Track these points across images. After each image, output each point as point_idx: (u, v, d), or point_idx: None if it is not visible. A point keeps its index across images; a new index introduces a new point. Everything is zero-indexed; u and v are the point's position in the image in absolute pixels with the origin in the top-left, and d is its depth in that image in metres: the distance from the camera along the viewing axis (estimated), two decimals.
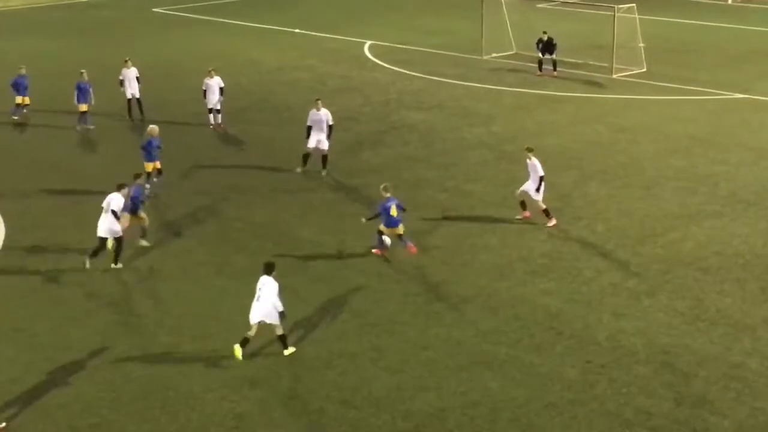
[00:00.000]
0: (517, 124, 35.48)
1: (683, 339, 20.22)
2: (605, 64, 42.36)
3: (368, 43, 49.09)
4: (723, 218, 26.70)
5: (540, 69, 42.04)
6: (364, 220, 24.88)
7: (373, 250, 24.58)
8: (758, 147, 32.67)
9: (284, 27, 53.68)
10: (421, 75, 42.63)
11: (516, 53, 45.60)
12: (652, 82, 40.80)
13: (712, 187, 29.00)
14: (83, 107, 34.60)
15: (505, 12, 46.47)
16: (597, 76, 41.93)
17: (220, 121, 35.02)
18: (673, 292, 22.40)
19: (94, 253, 23.60)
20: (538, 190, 26.17)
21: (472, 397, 18.20)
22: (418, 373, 19.04)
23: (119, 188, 23.85)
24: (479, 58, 45.24)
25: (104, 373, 19.09)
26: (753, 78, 41.59)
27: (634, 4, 44.30)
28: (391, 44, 48.69)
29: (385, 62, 45.00)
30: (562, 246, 24.99)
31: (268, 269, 19.75)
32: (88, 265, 23.58)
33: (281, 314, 19.46)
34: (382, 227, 24.28)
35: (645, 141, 33.49)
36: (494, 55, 45.57)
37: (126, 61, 36.02)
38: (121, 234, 23.68)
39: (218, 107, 34.85)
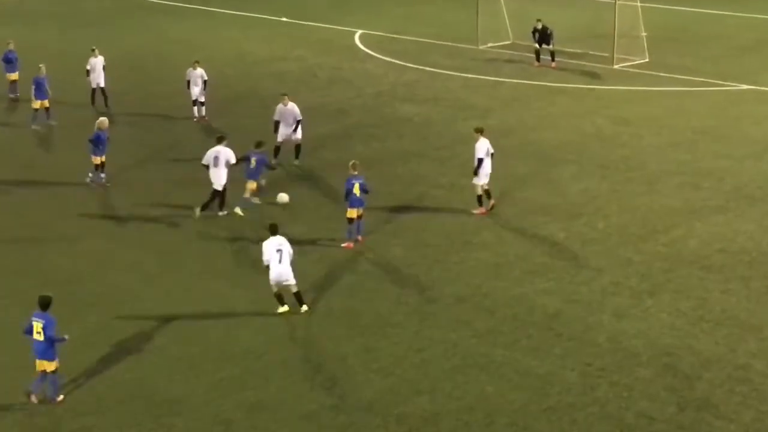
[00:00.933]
0: (515, 116, 35.58)
1: (686, 340, 20.32)
2: (606, 54, 42.45)
3: (359, 32, 49.15)
4: (727, 214, 26.82)
5: (538, 60, 42.15)
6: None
7: (342, 245, 24.88)
8: (764, 140, 32.80)
9: (271, 15, 53.72)
10: (415, 66, 42.71)
11: (513, 43, 45.68)
12: (654, 73, 40.89)
13: (716, 182, 29.12)
14: (41, 103, 34.59)
15: (502, 0, 46.51)
16: (597, 66, 42.01)
17: (203, 113, 35.17)
18: (676, 291, 22.50)
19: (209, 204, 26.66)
20: (475, 173, 26.45)
21: (467, 401, 18.27)
22: (411, 376, 19.11)
23: (219, 141, 27.12)
24: (475, 48, 45.33)
25: (86, 377, 19.13)
26: (759, 69, 41.71)
27: None
28: (384, 34, 48.77)
29: (377, 52, 45.07)
30: (562, 244, 25.08)
31: (274, 229, 21.54)
32: (197, 214, 26.52)
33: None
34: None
35: (647, 134, 33.60)
36: (490, 45, 45.65)
37: (93, 50, 36.72)
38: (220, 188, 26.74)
39: (202, 99, 35.02)
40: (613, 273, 23.43)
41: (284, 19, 52.63)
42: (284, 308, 21.52)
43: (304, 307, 21.63)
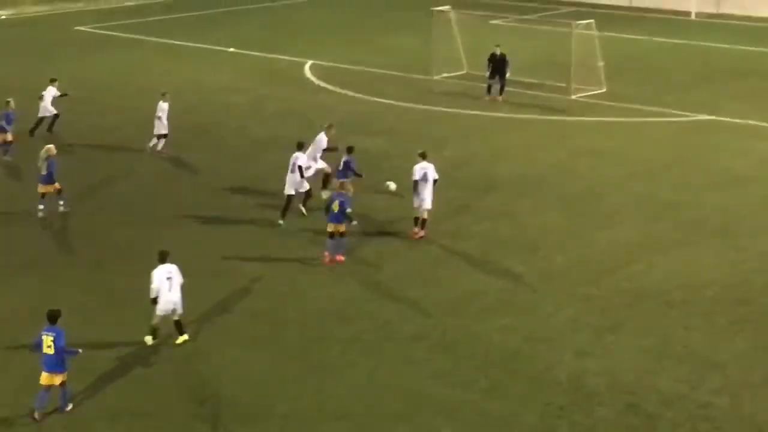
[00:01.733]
0: (471, 148, 35.73)
1: (648, 378, 20.41)
2: (563, 85, 42.79)
3: (309, 63, 49.22)
4: (689, 248, 27.04)
5: (489, 92, 42.08)
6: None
7: (325, 259, 25.99)
8: (724, 171, 33.15)
9: (219, 46, 53.70)
10: (368, 97, 42.81)
11: (468, 73, 45.90)
12: (612, 103, 41.25)
13: (676, 215, 29.37)
14: (8, 137, 34.62)
15: (456, 29, 46.76)
16: (555, 97, 42.30)
17: (162, 146, 35.16)
18: (637, 327, 22.62)
19: (284, 212, 28.40)
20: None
21: None
22: (364, 419, 19.03)
23: (299, 147, 29.02)
24: (429, 78, 45.53)
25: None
26: (719, 98, 42.20)
27: (592, 21, 44.77)
28: (335, 64, 48.86)
29: (328, 83, 45.14)
30: (520, 279, 25.16)
31: (163, 257, 21.73)
32: (281, 222, 28.36)
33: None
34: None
35: (606, 166, 33.86)
36: (445, 75, 45.88)
37: (53, 80, 37.23)
38: (308, 188, 28.96)
39: (165, 132, 35.05)
40: (574, 309, 23.52)
41: (232, 50, 52.61)
42: (150, 339, 21.67)
43: (184, 337, 21.76)
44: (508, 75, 41.79)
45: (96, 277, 25.44)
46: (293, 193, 28.86)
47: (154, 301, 21.60)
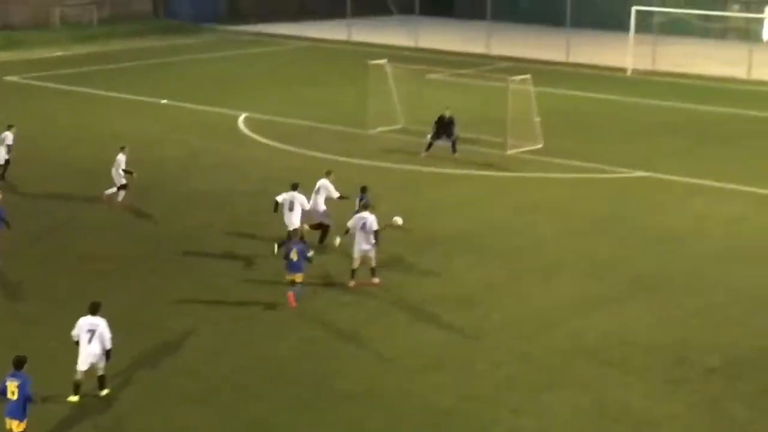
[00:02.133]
0: (406, 204, 35.82)
1: None
2: (499, 140, 43.14)
3: (243, 115, 49.26)
4: (626, 305, 27.28)
5: (428, 149, 41.89)
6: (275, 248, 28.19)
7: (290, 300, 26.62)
8: (661, 228, 33.54)
9: (151, 98, 53.60)
10: (303, 151, 42.86)
11: (404, 128, 46.17)
12: (548, 159, 41.66)
13: (613, 272, 29.64)
14: None
15: (392, 83, 47.07)
16: (491, 152, 42.62)
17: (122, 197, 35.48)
18: (574, 385, 22.74)
19: (281, 244, 28.58)
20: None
21: None
22: None
23: (294, 188, 30.73)
24: (365, 132, 45.74)
25: None
26: (655, 155, 42.77)
27: (528, 76, 45.28)
28: (269, 117, 48.93)
29: (262, 137, 45.17)
30: (456, 336, 25.21)
31: (93, 309, 21.64)
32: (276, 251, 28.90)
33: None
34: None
35: (543, 222, 34.14)
36: (381, 129, 46.11)
37: (10, 126, 38.32)
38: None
39: (124, 182, 35.31)
40: (510, 367, 23.59)
41: (164, 101, 52.55)
42: (75, 398, 21.50)
43: (105, 391, 21.73)
44: (456, 134, 41.78)
45: (29, 332, 25.14)
46: (298, 225, 30.59)
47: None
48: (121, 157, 35.22)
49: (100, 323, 21.57)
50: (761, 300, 27.73)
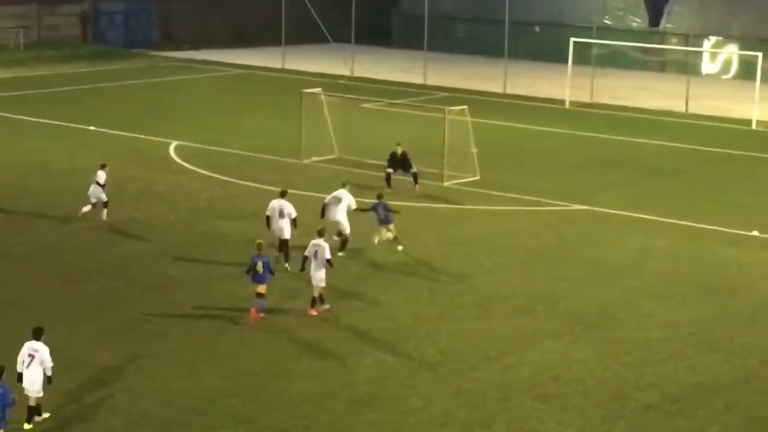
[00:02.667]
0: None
1: None
2: (435, 171, 43.18)
3: (174, 143, 48.97)
4: (562, 340, 27.32)
5: (389, 185, 41.52)
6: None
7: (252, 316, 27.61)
8: (598, 263, 33.70)
9: (78, 124, 53.12)
10: (235, 180, 42.66)
11: (339, 157, 46.12)
12: (485, 191, 41.78)
13: (550, 306, 29.70)
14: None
15: (326, 112, 47.02)
16: (427, 183, 42.58)
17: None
18: (509, 422, 22.68)
19: (286, 256, 31.85)
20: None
21: None
22: None
23: (282, 195, 32.74)
24: (299, 162, 45.60)
25: None
26: (592, 188, 43.06)
27: (465, 107, 45.41)
28: (201, 145, 48.64)
29: (193, 165, 44.89)
30: (389, 371, 25.08)
31: (36, 334, 21.81)
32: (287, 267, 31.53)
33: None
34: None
35: (479, 255, 34.17)
36: (315, 159, 46.01)
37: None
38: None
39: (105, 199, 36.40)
40: (444, 402, 23.49)
41: (92, 128, 52.11)
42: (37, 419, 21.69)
43: (44, 416, 21.79)
44: (414, 169, 41.66)
45: None
46: (288, 237, 32.17)
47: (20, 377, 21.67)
48: (101, 174, 36.13)
49: (40, 348, 21.64)
50: (699, 335, 27.90)
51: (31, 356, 21.55)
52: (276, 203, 32.47)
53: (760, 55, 59.26)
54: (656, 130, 56.63)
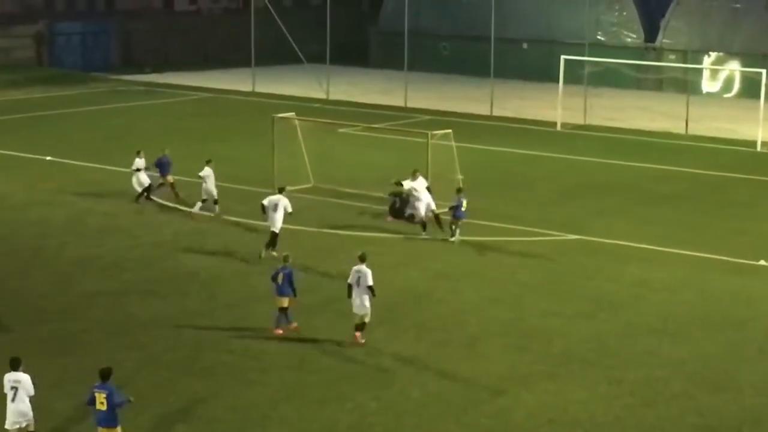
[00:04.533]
0: (320, 269, 35.72)
1: None
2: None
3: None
4: (558, 380, 27.30)
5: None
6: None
7: (275, 331, 29.56)
8: (594, 296, 33.74)
9: (34, 154, 53.05)
10: (203, 212, 42.55)
11: (314, 186, 46.12)
12: (472, 221, 41.71)
13: (544, 344, 29.68)
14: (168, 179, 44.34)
15: (301, 138, 47.00)
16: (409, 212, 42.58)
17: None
18: None
19: (271, 245, 36.34)
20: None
21: None
22: None
23: (280, 191, 37.56)
24: (272, 192, 45.47)
25: None
26: (586, 216, 43.17)
27: (450, 131, 45.48)
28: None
29: (157, 197, 44.78)
30: (372, 416, 25.00)
31: (14, 364, 22.43)
32: (274, 253, 35.66)
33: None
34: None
35: (467, 289, 34.17)
36: (289, 188, 45.87)
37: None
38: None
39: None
40: None
41: (49, 158, 52.05)
42: None
43: None
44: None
45: None
46: (278, 230, 36.78)
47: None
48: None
49: (22, 378, 22.24)
50: (704, 373, 27.92)
51: (14, 388, 22.08)
52: (275, 197, 37.10)
53: (764, 71, 59.42)
54: (654, 153, 56.88)
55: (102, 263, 36.16)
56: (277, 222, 36.77)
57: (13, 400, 22.00)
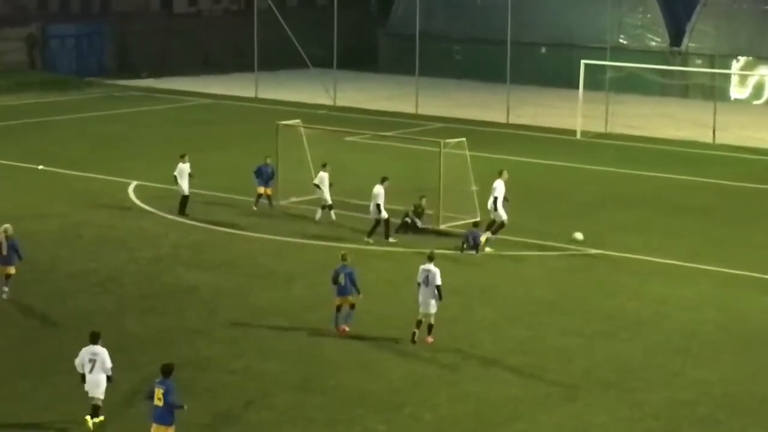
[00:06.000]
0: (323, 286, 35.64)
1: None
2: (430, 212, 43.21)
3: (134, 183, 49.04)
4: (577, 403, 27.29)
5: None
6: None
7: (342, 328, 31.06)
8: (616, 314, 33.71)
9: (27, 163, 53.17)
10: (203, 224, 42.62)
11: (320, 198, 46.07)
12: (487, 234, 41.69)
13: (563, 365, 29.67)
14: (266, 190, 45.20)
15: (306, 147, 47.04)
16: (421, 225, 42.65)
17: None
18: None
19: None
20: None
21: None
22: None
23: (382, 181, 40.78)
24: (275, 203, 45.60)
25: None
26: (607, 229, 43.13)
27: (463, 139, 45.48)
28: (164, 186, 48.45)
29: (155, 208, 44.90)
30: None
31: (94, 338, 25.08)
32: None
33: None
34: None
35: (480, 307, 34.18)
36: (294, 199, 46.03)
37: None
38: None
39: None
40: None
41: (41, 167, 52.14)
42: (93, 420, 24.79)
43: (98, 419, 24.74)
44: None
45: None
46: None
47: (83, 378, 24.93)
48: (324, 175, 43.13)
49: (99, 352, 24.84)
50: (733, 396, 27.90)
51: (92, 360, 24.71)
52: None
53: None
54: (679, 163, 56.84)
55: (98, 278, 36.19)
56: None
57: (90, 371, 24.65)
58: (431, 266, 30.81)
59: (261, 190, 45.17)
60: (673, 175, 53.69)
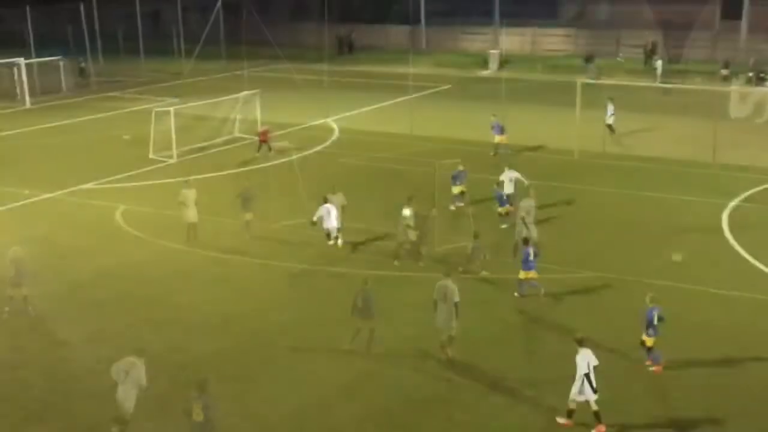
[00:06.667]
0: (311, 310, 35.46)
1: None
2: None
3: (122, 208, 48.70)
4: None
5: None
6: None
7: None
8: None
9: (8, 187, 52.87)
10: (194, 249, 42.27)
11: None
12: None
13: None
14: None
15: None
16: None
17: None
18: None
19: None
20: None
21: None
22: None
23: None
24: (269, 225, 45.07)
25: None
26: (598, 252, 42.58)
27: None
28: (158, 210, 47.99)
29: (142, 233, 44.49)
30: None
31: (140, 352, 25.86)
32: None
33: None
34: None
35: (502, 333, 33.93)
36: (284, 222, 45.56)
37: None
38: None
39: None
40: None
41: (27, 192, 51.94)
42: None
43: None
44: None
45: None
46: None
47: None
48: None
49: (132, 368, 25.36)
50: None
51: (126, 372, 25.24)
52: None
53: None
54: (679, 182, 56.07)
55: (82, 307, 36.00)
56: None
57: (122, 383, 25.28)
58: (449, 282, 30.98)
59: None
60: (675, 195, 53.13)
